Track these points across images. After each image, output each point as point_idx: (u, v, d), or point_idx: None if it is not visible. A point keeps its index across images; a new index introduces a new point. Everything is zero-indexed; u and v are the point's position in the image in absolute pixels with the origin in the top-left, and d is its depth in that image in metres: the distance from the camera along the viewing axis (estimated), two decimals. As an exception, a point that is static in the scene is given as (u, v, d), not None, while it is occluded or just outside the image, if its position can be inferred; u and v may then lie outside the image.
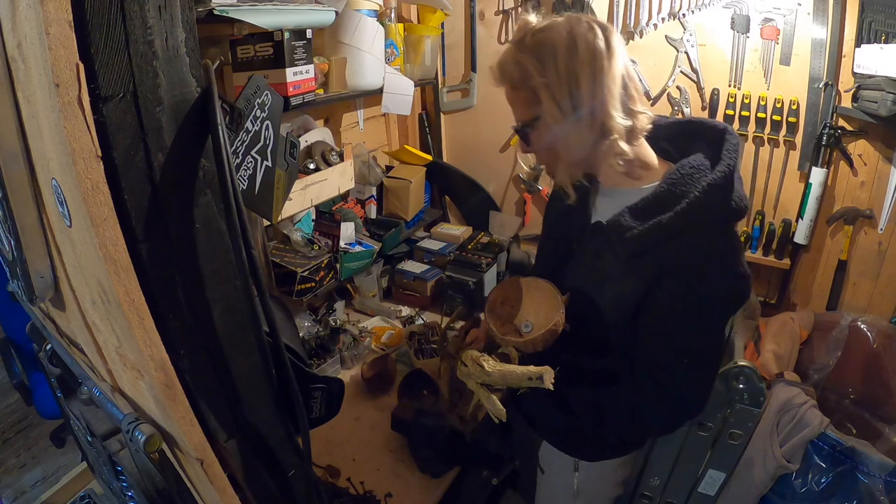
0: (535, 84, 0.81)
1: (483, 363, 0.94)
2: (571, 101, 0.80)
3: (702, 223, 0.82)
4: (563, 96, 0.80)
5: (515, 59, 0.82)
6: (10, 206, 0.70)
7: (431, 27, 1.94)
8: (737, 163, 0.85)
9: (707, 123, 0.93)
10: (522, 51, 0.82)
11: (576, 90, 0.79)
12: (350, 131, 2.02)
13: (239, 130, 0.74)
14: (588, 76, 0.78)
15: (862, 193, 1.73)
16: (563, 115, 0.81)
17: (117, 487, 0.98)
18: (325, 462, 1.29)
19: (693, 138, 0.92)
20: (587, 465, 1.09)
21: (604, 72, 0.79)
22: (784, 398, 1.37)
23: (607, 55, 0.79)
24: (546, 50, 0.79)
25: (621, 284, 0.88)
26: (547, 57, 0.79)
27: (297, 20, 1.27)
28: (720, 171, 0.82)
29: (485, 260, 1.89)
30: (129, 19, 0.52)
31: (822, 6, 1.59)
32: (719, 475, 1.29)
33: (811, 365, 1.65)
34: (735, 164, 0.84)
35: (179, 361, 0.63)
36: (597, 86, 0.79)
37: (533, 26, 0.82)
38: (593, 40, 0.78)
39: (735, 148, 0.86)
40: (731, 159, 0.84)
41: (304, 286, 1.59)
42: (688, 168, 0.84)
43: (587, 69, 0.78)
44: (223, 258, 0.65)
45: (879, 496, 1.23)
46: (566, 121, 0.82)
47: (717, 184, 0.81)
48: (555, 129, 0.84)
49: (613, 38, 0.80)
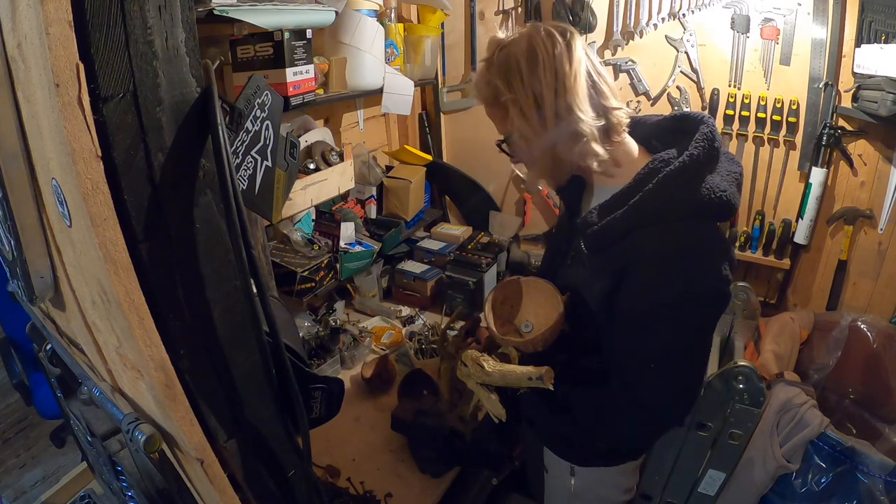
0: (505, 101, 0.82)
1: (483, 363, 0.94)
2: (538, 112, 0.81)
3: (661, 218, 0.78)
4: (529, 108, 0.81)
5: (486, 79, 0.84)
6: (10, 206, 0.70)
7: (431, 27, 1.94)
8: (706, 153, 0.79)
9: (689, 116, 0.89)
10: (490, 69, 0.84)
11: (540, 100, 0.80)
12: (350, 131, 2.02)
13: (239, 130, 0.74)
14: (549, 84, 0.79)
15: (862, 193, 1.74)
16: (532, 128, 0.82)
17: (117, 487, 0.98)
18: (325, 462, 1.29)
19: (678, 133, 0.89)
20: (582, 469, 1.08)
21: (566, 76, 0.79)
22: (784, 398, 1.37)
23: (568, 59, 0.79)
24: (511, 65, 0.80)
25: (592, 283, 0.87)
26: (512, 72, 0.80)
27: (297, 20, 1.27)
28: (679, 161, 0.78)
29: (485, 260, 1.89)
30: (129, 19, 0.52)
31: (822, 6, 1.59)
32: (719, 475, 1.29)
33: (811, 365, 1.65)
34: (702, 153, 0.79)
35: (179, 361, 0.63)
36: (560, 91, 0.79)
37: (499, 42, 0.84)
38: (552, 47, 0.79)
39: (707, 136, 0.81)
40: (699, 149, 0.79)
41: (304, 286, 1.59)
42: (657, 163, 0.81)
43: (549, 77, 0.79)
44: (223, 258, 0.65)
45: (879, 496, 1.23)
46: (538, 132, 0.82)
47: (674, 174, 0.78)
48: (530, 141, 0.84)
49: (574, 40, 0.80)
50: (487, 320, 0.98)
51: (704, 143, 0.80)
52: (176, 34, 0.56)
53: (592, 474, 1.09)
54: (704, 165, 0.80)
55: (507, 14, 2.05)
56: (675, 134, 0.90)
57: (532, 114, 0.81)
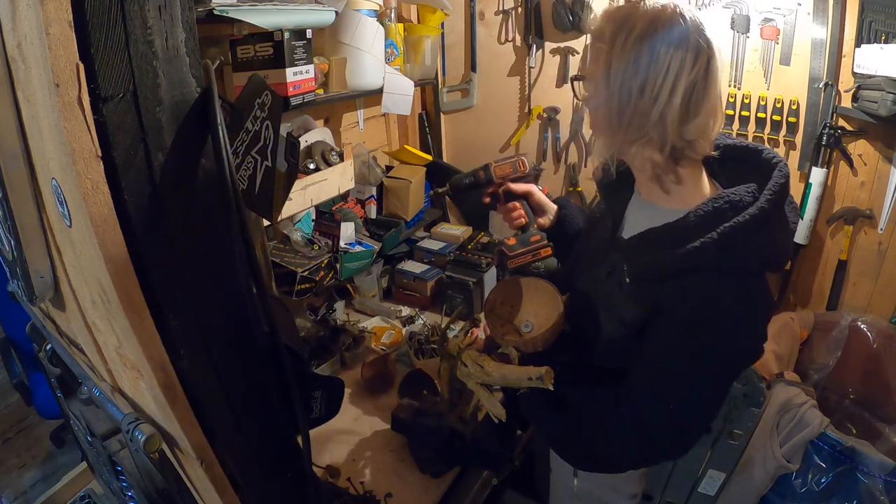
0: (600, 47, 0.77)
1: (483, 363, 0.94)
2: (621, 83, 0.74)
3: (717, 267, 0.74)
4: (616, 72, 0.74)
5: (604, 16, 0.78)
6: (10, 206, 0.70)
7: (431, 27, 1.94)
8: (778, 205, 0.75)
9: (761, 153, 0.83)
10: (612, 12, 0.78)
11: (632, 71, 0.73)
12: (350, 131, 2.02)
13: (239, 130, 0.74)
14: (657, 72, 0.72)
15: (862, 193, 1.73)
16: (609, 91, 0.76)
17: (117, 487, 0.98)
18: (325, 462, 1.29)
19: (740, 162, 0.84)
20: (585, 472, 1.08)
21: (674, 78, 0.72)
22: (784, 398, 1.37)
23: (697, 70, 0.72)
24: (627, 22, 0.74)
25: (625, 307, 0.84)
26: (623, 30, 0.74)
27: (297, 20, 1.27)
28: (748, 215, 0.73)
29: (485, 260, 1.89)
30: (129, 19, 0.52)
31: (822, 6, 1.59)
32: (719, 475, 1.29)
33: (811, 365, 1.65)
34: (775, 206, 0.74)
35: (179, 361, 0.63)
36: (654, 88, 0.73)
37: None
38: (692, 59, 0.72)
39: (783, 188, 0.76)
40: (772, 202, 0.74)
41: (304, 286, 1.59)
42: (722, 202, 0.76)
43: (656, 65, 0.72)
44: (223, 258, 0.65)
45: (879, 496, 1.23)
46: (611, 98, 0.76)
47: (745, 229, 0.72)
48: (599, 101, 0.79)
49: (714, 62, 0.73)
50: (487, 320, 0.98)
51: (779, 194, 0.76)
52: (176, 34, 0.56)
53: (595, 477, 1.08)
54: (774, 219, 0.75)
55: (507, 14, 2.05)
56: (738, 163, 0.85)
57: (616, 79, 0.75)
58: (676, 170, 0.80)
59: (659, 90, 0.72)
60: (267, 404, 0.75)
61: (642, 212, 0.89)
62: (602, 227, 0.98)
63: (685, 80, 0.72)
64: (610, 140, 0.81)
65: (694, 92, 0.72)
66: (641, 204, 0.90)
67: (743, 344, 0.77)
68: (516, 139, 2.21)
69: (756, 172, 0.81)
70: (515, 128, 2.21)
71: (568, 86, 2.03)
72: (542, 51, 2.04)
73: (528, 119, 2.16)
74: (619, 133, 0.78)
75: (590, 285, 0.93)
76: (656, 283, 0.79)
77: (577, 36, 1.96)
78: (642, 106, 0.74)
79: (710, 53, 0.73)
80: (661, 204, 0.85)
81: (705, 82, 0.73)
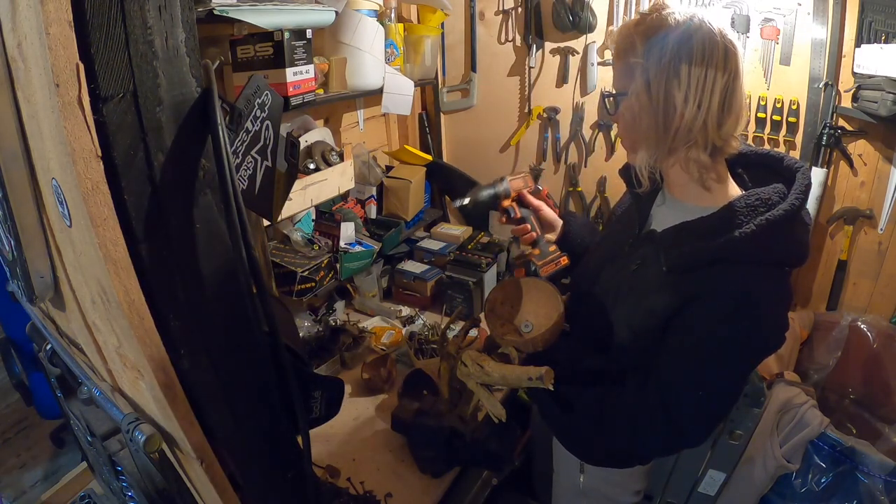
0: (634, 63, 0.80)
1: (483, 363, 0.94)
2: (665, 94, 0.78)
3: (749, 259, 0.79)
4: (658, 85, 0.78)
5: (629, 32, 0.81)
6: (10, 206, 0.70)
7: (431, 27, 1.94)
8: (802, 205, 0.81)
9: (784, 160, 0.89)
10: (639, 25, 0.80)
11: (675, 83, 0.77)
12: (350, 131, 2.02)
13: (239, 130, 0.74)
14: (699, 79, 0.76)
15: (862, 193, 1.73)
16: (651, 104, 0.79)
17: (117, 487, 0.98)
18: (325, 462, 1.29)
19: (762, 169, 0.90)
20: (592, 467, 1.08)
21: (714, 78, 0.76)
22: (784, 398, 1.37)
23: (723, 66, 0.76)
24: (659, 34, 0.77)
25: (657, 297, 0.86)
26: (656, 42, 0.77)
27: (297, 20, 1.27)
28: (781, 210, 0.79)
29: (485, 260, 1.89)
30: (129, 19, 0.52)
31: (822, 6, 1.59)
32: (719, 475, 1.30)
33: (811, 365, 1.65)
34: (800, 206, 0.80)
35: (179, 361, 0.63)
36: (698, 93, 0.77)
37: (662, 7, 0.80)
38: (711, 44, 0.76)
39: (806, 189, 0.82)
40: (798, 200, 0.80)
41: (304, 286, 1.59)
42: (754, 199, 0.81)
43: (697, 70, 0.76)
44: (223, 258, 0.65)
45: (879, 496, 1.23)
46: (653, 111, 0.80)
47: (779, 222, 0.78)
48: (638, 113, 0.82)
49: (740, 61, 0.78)
50: (487, 320, 0.98)
51: (804, 195, 0.81)
52: (176, 34, 0.56)
53: (601, 473, 1.09)
54: (798, 218, 0.81)
55: (507, 14, 2.05)
56: (760, 169, 0.91)
57: (658, 93, 0.78)
58: (717, 168, 0.85)
59: (701, 97, 0.77)
60: (267, 404, 0.75)
61: (670, 210, 0.92)
62: (622, 227, 1.01)
63: (721, 83, 0.77)
64: (655, 150, 0.85)
65: (727, 92, 0.77)
66: (670, 203, 0.93)
67: (773, 332, 0.82)
68: (516, 139, 2.21)
69: (779, 176, 0.86)
70: (515, 128, 2.21)
71: (568, 86, 2.03)
72: (542, 51, 2.04)
73: (528, 119, 2.16)
74: (666, 142, 0.82)
75: (613, 280, 0.95)
76: (690, 273, 0.82)
77: (577, 36, 1.96)
78: (689, 114, 0.78)
79: (736, 53, 0.78)
80: (690, 202, 0.88)
81: (735, 82, 0.78)
